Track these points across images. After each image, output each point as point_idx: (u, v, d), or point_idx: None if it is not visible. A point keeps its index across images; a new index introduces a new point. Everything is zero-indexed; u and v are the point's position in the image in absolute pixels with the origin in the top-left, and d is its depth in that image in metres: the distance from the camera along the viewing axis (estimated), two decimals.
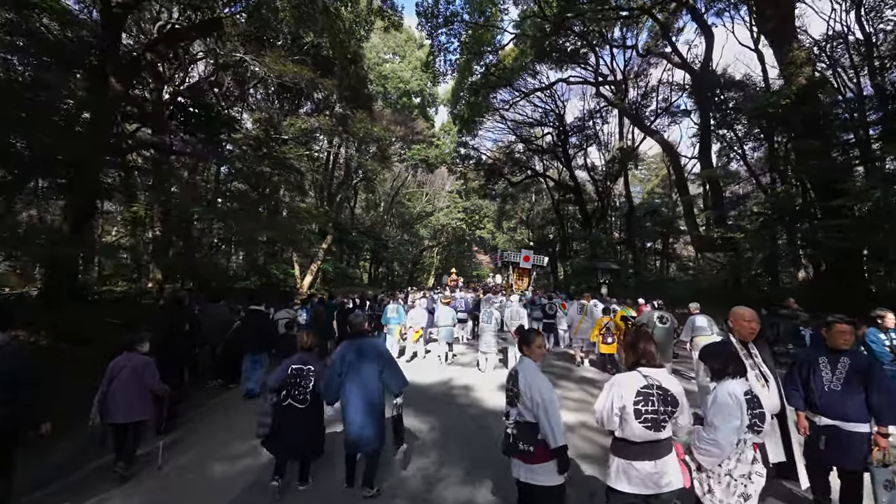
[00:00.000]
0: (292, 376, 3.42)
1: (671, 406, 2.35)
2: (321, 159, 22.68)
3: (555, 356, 9.86)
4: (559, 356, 9.83)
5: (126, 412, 3.74)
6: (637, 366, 2.46)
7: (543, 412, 2.53)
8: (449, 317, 9.02)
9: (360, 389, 3.29)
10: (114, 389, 3.74)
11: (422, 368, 8.09)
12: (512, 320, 8.24)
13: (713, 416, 2.44)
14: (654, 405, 2.33)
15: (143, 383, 3.86)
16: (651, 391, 2.34)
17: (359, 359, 3.35)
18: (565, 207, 31.45)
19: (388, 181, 40.54)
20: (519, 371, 2.73)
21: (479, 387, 6.53)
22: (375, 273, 37.67)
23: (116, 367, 3.84)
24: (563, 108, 24.96)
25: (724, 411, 2.40)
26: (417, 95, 26.40)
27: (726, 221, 14.54)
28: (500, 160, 28.83)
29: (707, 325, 7.52)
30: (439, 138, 26.33)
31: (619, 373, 2.57)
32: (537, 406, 2.54)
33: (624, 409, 2.35)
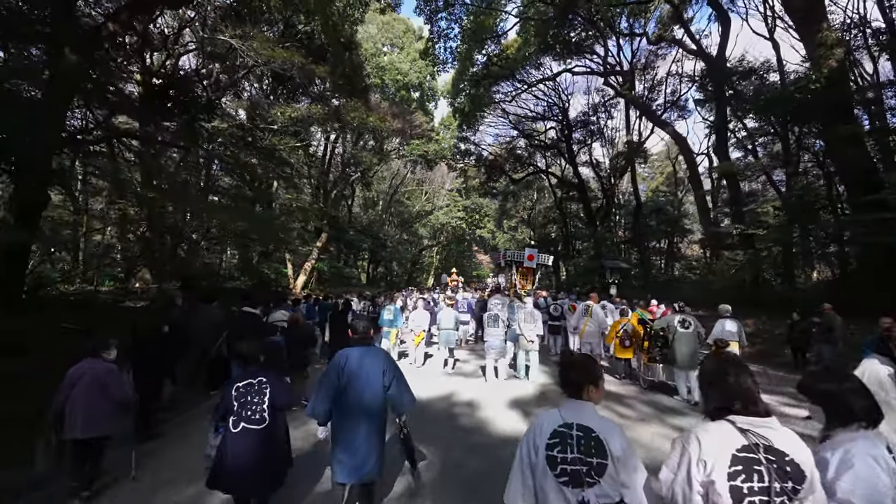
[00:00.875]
0: (241, 394, 2.86)
1: (792, 482, 1.42)
2: (317, 154, 21.80)
3: None
4: None
5: (85, 426, 3.29)
6: (726, 412, 1.55)
7: (641, 484, 1.64)
8: (451, 320, 8.21)
9: (360, 408, 2.77)
10: (73, 400, 3.31)
11: (420, 378, 7.19)
12: (526, 323, 7.35)
13: (849, 495, 1.50)
14: (764, 480, 1.42)
15: (107, 394, 3.43)
16: (757, 456, 1.45)
17: (360, 371, 2.82)
18: (568, 205, 30.58)
19: (386, 179, 39.87)
20: (591, 427, 1.73)
21: (486, 403, 5.62)
22: (374, 273, 36.92)
23: (75, 374, 3.40)
24: (568, 101, 24.08)
25: (868, 489, 1.47)
26: (416, 89, 25.52)
27: (743, 218, 13.66)
28: (502, 156, 27.95)
29: (737, 329, 6.93)
30: (439, 133, 25.44)
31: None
32: (633, 478, 1.64)
33: (712, 484, 1.45)
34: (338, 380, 2.79)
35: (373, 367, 2.85)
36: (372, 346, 3.07)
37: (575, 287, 22.19)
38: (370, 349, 3.02)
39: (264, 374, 3.00)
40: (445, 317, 8.25)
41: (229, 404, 2.81)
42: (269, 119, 12.07)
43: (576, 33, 18.18)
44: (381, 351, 3.17)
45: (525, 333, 7.33)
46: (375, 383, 2.81)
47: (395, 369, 2.95)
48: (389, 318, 8.73)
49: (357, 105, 12.86)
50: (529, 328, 7.24)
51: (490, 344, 7.19)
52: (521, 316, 7.44)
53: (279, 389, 2.94)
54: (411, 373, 7.61)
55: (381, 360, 2.93)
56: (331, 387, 2.79)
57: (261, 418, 2.79)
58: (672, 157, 33.09)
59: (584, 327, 8.69)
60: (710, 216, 15.29)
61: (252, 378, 2.93)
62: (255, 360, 3.12)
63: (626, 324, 7.71)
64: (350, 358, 2.87)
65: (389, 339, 8.56)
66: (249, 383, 2.90)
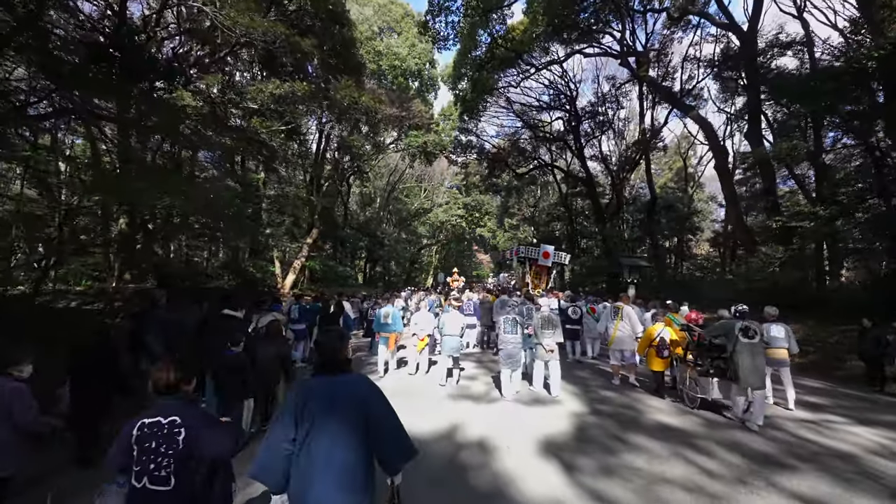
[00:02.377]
0: (143, 438, 1.95)
1: None
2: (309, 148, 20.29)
3: (589, 373, 7.59)
4: (594, 373, 7.56)
5: None
6: None
7: None
8: (457, 324, 6.97)
9: (329, 466, 1.84)
10: None
11: (417, 400, 5.72)
12: (545, 330, 6.23)
13: None
14: None
15: (11, 420, 2.79)
16: None
17: (330, 411, 1.92)
18: (574, 201, 29.17)
19: (384, 176, 38.58)
20: None
21: (507, 443, 4.12)
22: (371, 273, 35.63)
23: None
24: (576, 90, 22.63)
25: None
26: (415, 78, 24.05)
27: (779, 209, 12.22)
28: (505, 149, 26.51)
29: (785, 335, 6.05)
30: (438, 124, 23.94)
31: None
32: None
33: None
34: (295, 426, 1.90)
35: (349, 405, 1.94)
36: (348, 375, 2.06)
37: (584, 287, 20.76)
38: (345, 379, 2.03)
39: (182, 410, 2.02)
40: (451, 321, 6.95)
41: (125, 450, 1.94)
42: (248, 96, 10.57)
43: (588, 13, 16.70)
44: (362, 380, 2.10)
45: (544, 342, 6.09)
46: (353, 429, 1.90)
47: (384, 406, 2.00)
48: (387, 321, 7.62)
49: (348, 83, 11.37)
50: (549, 336, 6.14)
51: (506, 352, 6.03)
52: (537, 321, 6.33)
53: (202, 435, 1.98)
54: (408, 392, 6.16)
55: (363, 395, 1.99)
56: (285, 436, 1.90)
57: (166, 476, 1.90)
58: (682, 151, 31.77)
59: (614, 333, 7.24)
60: (739, 209, 13.79)
61: (162, 415, 1.98)
62: (171, 386, 2.07)
63: (663, 330, 6.36)
64: (313, 393, 1.96)
65: (388, 345, 7.54)
66: (157, 423, 1.97)
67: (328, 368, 2.04)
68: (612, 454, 3.84)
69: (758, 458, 3.77)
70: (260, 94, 10.83)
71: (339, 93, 11.09)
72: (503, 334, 6.27)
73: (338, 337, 2.14)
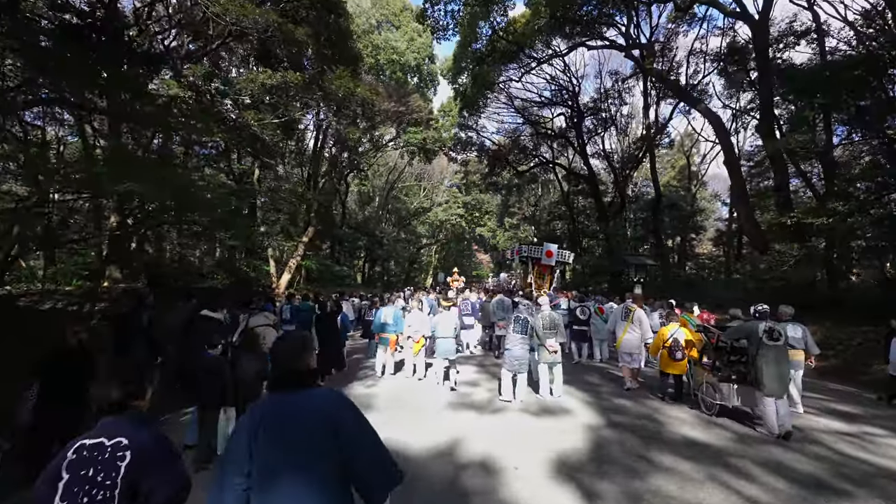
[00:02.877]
0: (79, 464, 1.50)
1: None
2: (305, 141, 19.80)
3: (599, 377, 7.13)
4: (604, 378, 7.09)
5: None
6: None
7: None
8: (450, 326, 6.73)
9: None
10: None
11: (415, 408, 5.25)
12: (547, 331, 5.95)
13: None
14: None
15: None
16: None
17: (285, 437, 1.47)
18: (576, 200, 28.70)
19: (382, 175, 38.12)
20: None
21: (515, 464, 3.64)
22: (370, 272, 35.20)
23: None
24: (578, 85, 22.13)
25: None
26: (414, 73, 23.56)
27: (791, 205, 11.75)
28: (506, 147, 26.03)
29: (802, 335, 5.80)
30: (438, 120, 23.45)
31: None
32: None
33: None
34: (249, 456, 1.46)
35: (311, 427, 1.49)
36: (312, 390, 1.60)
37: (588, 287, 20.28)
38: (308, 395, 1.57)
39: (131, 430, 1.61)
40: (443, 323, 6.72)
41: (55, 477, 1.49)
42: (237, 86, 10.08)
43: (592, 4, 16.21)
44: (329, 395, 1.64)
45: (547, 344, 5.85)
46: (319, 457, 1.46)
47: (358, 423, 1.56)
48: (387, 321, 7.38)
49: (343, 73, 10.86)
50: (551, 336, 5.91)
51: (513, 353, 5.71)
52: (539, 322, 6.03)
53: (152, 464, 1.57)
54: (403, 399, 5.69)
55: (329, 413, 1.53)
56: (238, 469, 1.47)
57: None
58: (686, 149, 31.33)
59: (622, 335, 6.83)
60: (749, 205, 13.31)
61: (107, 436, 1.57)
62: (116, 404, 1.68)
63: (676, 330, 5.96)
64: (267, 416, 1.53)
65: (388, 346, 7.37)
66: (99, 445, 1.55)
67: (285, 383, 1.60)
68: (638, 477, 3.36)
69: (805, 481, 3.28)
70: (251, 84, 10.32)
71: (335, 83, 10.58)
72: (512, 334, 5.87)
73: (299, 343, 1.68)
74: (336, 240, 27.63)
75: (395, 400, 5.68)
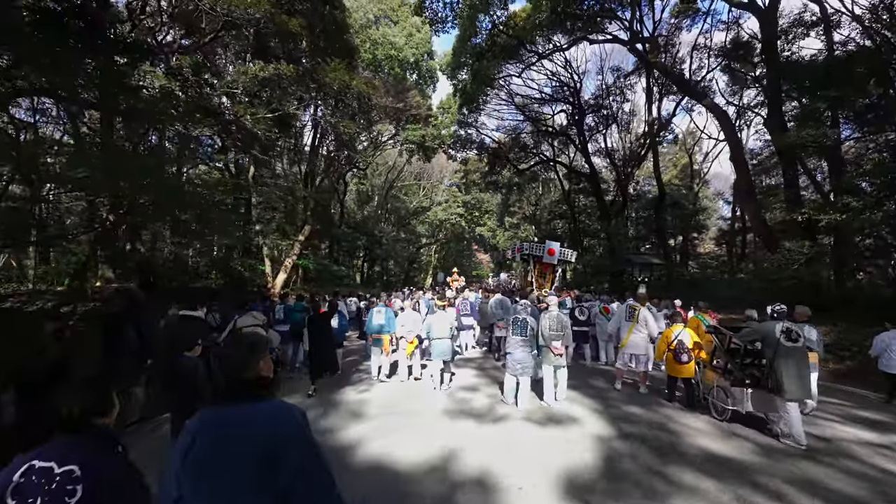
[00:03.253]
0: (24, 490, 1.27)
1: None
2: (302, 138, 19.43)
3: (605, 381, 6.79)
4: (610, 381, 6.76)
5: None
6: None
7: None
8: (445, 326, 6.39)
9: None
10: None
11: (409, 415, 4.89)
12: (553, 332, 5.58)
13: None
14: None
15: None
16: None
17: (218, 463, 1.20)
18: (577, 198, 28.35)
19: (381, 174, 37.77)
20: None
21: (514, 477, 3.28)
22: (369, 272, 34.87)
23: None
24: (580, 81, 21.76)
25: None
26: (413, 70, 23.20)
27: (801, 201, 11.40)
28: (506, 144, 25.67)
29: (817, 339, 5.60)
30: (437, 117, 23.09)
31: None
32: None
33: None
34: (177, 482, 1.20)
35: (245, 453, 1.18)
36: (260, 404, 1.30)
37: (590, 287, 19.93)
38: (250, 410, 1.27)
39: (88, 455, 1.32)
40: (438, 323, 6.40)
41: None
42: (229, 78, 9.72)
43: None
44: (279, 412, 1.31)
45: (552, 345, 5.51)
46: (249, 491, 1.13)
47: (306, 454, 1.22)
48: (380, 322, 7.09)
49: (338, 66, 10.50)
50: (557, 338, 5.55)
51: (515, 357, 5.44)
52: (545, 323, 5.65)
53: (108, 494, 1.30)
54: (396, 405, 5.33)
55: (272, 438, 1.21)
56: (167, 496, 1.21)
57: None
58: (688, 147, 30.99)
59: (627, 335, 6.49)
60: (757, 202, 12.94)
61: (57, 460, 1.29)
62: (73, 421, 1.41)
63: (681, 332, 5.72)
64: (200, 435, 1.25)
65: (382, 346, 7.03)
66: (48, 470, 1.27)
67: (228, 394, 1.34)
68: (658, 499, 3.00)
69: (845, 503, 2.93)
70: (243, 77, 9.96)
71: (329, 75, 10.22)
72: (511, 336, 5.55)
73: (246, 347, 1.39)
74: (334, 239, 27.29)
75: (388, 406, 5.33)
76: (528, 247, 17.16)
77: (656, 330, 6.53)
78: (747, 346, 5.09)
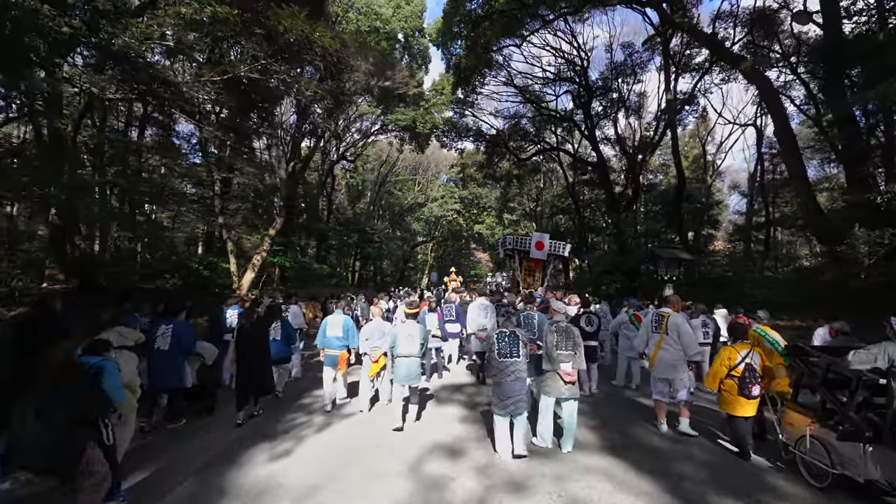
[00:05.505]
0: None
1: None
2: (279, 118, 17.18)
3: (630, 411, 4.77)
4: (639, 413, 4.56)
5: None
6: None
7: None
8: (414, 339, 4.66)
9: None
10: None
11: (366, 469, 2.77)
12: (562, 351, 3.97)
13: None
14: None
15: None
16: None
17: None
18: (582, 191, 26.19)
19: (374, 169, 35.70)
20: None
21: None
22: (362, 271, 32.86)
23: None
24: (587, 58, 19.57)
25: None
26: (403, 50, 21.00)
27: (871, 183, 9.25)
28: (505, 132, 23.51)
29: None
30: (428, 100, 20.90)
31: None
32: None
33: None
34: None
35: None
36: None
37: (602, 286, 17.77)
38: None
39: None
40: (404, 336, 4.66)
41: None
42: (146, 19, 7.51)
43: None
44: None
45: (561, 369, 3.88)
46: None
47: None
48: (336, 333, 5.39)
49: (294, 12, 8.30)
50: (568, 359, 3.93)
51: (502, 389, 3.76)
52: (552, 339, 4.05)
53: None
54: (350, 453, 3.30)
55: None
56: None
57: None
58: (702, 135, 28.90)
59: (655, 351, 4.66)
60: (809, 186, 10.75)
61: None
62: None
63: (749, 353, 3.95)
64: None
65: (336, 367, 5.29)
66: None
67: None
68: None
69: None
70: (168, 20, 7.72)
71: (282, 22, 8.03)
72: (497, 358, 3.80)
73: None
74: (321, 236, 25.14)
75: (336, 453, 3.19)
76: (511, 241, 15.01)
77: (695, 345, 4.58)
78: (861, 377, 3.13)
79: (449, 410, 5.10)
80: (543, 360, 4.11)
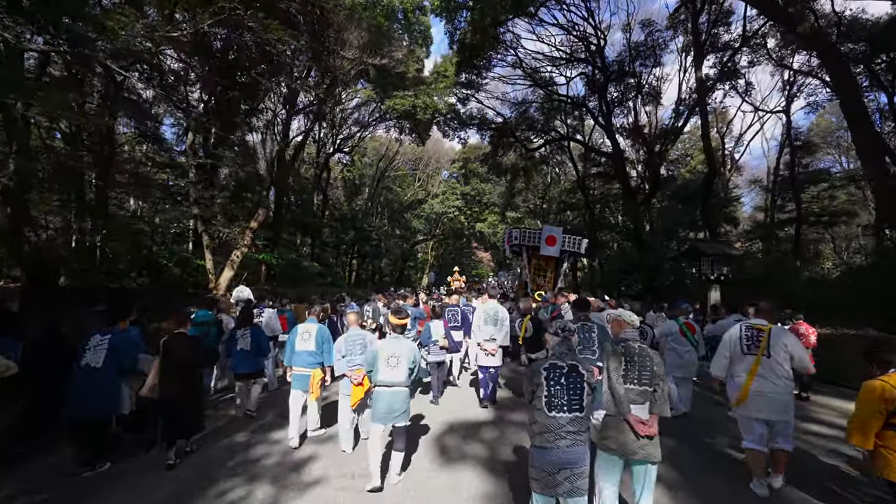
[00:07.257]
0: None
1: None
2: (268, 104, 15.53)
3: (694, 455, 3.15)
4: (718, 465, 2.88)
5: None
6: None
7: None
8: (400, 364, 3.18)
9: None
10: None
11: None
12: (630, 386, 2.45)
13: None
14: None
15: None
16: None
17: None
18: (593, 184, 24.50)
19: (373, 164, 34.12)
20: None
21: None
22: (360, 270, 31.30)
23: None
24: (604, 37, 17.87)
25: None
26: (403, 30, 19.37)
27: None
28: (512, 121, 21.82)
29: None
30: (430, 85, 19.24)
31: None
32: None
33: None
34: None
35: None
36: None
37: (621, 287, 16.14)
38: None
39: None
40: (386, 355, 3.20)
41: None
42: None
43: None
44: None
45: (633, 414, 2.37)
46: None
47: None
48: (307, 348, 4.16)
49: None
50: (642, 397, 2.42)
51: (556, 459, 2.15)
52: (615, 365, 2.51)
53: None
54: None
55: None
56: None
57: None
58: (719, 128, 27.26)
59: (748, 381, 3.22)
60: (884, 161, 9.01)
61: None
62: None
63: None
64: None
65: (307, 389, 4.06)
66: None
67: None
68: None
69: None
70: None
71: None
72: (545, 411, 2.24)
73: None
74: (314, 232, 23.49)
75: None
76: (519, 235, 13.14)
77: (809, 364, 3.40)
78: None
79: (456, 476, 3.39)
80: (603, 396, 2.52)
